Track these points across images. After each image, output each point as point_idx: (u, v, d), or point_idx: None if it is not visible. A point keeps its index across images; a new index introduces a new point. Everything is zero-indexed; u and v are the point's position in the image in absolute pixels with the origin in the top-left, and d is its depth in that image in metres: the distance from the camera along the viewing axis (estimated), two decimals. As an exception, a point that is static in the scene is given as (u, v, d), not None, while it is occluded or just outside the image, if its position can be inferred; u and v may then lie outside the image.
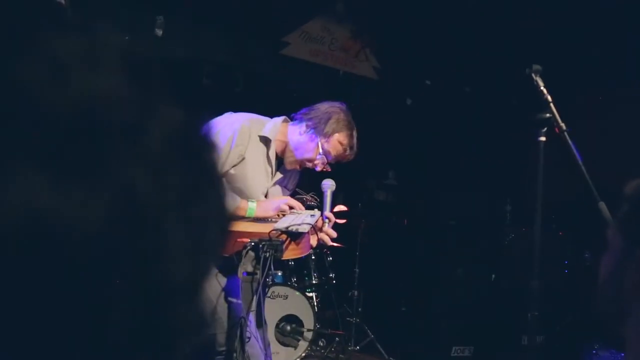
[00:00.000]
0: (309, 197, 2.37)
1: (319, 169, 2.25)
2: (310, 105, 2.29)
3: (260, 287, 1.91)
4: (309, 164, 2.25)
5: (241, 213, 2.10)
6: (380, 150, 5.46)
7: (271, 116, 2.34)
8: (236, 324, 1.99)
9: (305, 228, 2.02)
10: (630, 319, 0.66)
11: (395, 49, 5.20)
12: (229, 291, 2.12)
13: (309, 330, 4.05)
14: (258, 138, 2.20)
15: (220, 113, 4.96)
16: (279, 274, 4.34)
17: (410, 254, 5.17)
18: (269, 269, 1.88)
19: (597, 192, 1.66)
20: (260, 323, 2.11)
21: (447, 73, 5.20)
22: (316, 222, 2.14)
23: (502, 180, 5.15)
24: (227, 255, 2.04)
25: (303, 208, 2.21)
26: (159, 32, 4.27)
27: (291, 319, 4.05)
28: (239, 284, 1.97)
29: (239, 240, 1.97)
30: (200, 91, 5.02)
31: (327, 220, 2.16)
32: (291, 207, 2.18)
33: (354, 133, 2.25)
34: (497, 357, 4.33)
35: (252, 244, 1.90)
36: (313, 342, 4.17)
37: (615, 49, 4.39)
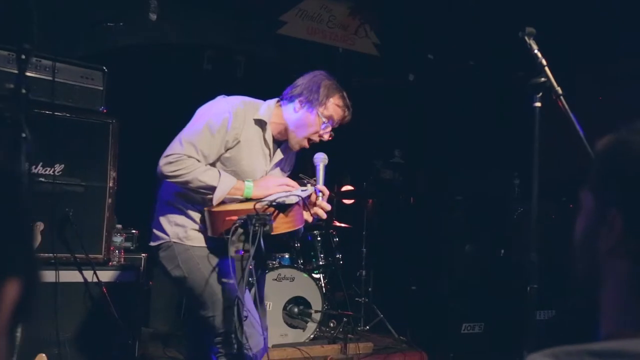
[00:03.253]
0: (312, 181, 2.34)
1: (327, 138, 2.24)
2: (291, 84, 2.27)
3: (251, 263, 1.90)
4: (315, 137, 2.24)
5: (238, 193, 2.09)
6: (385, 129, 5.39)
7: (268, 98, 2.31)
8: (232, 304, 1.98)
9: (292, 199, 2.00)
10: (605, 282, 0.62)
11: (395, 24, 5.10)
12: (222, 272, 2.11)
13: (317, 311, 4.04)
14: (253, 121, 2.18)
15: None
16: (286, 256, 4.32)
17: (418, 232, 5.12)
18: (259, 244, 1.85)
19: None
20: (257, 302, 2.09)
21: (450, 46, 5.09)
22: (309, 196, 2.13)
23: (510, 154, 5.06)
24: (216, 235, 2.03)
25: (297, 185, 2.19)
26: (153, 17, 4.23)
27: (299, 300, 4.04)
28: (231, 263, 1.94)
29: (227, 219, 1.95)
30: (201, 76, 4.98)
31: (320, 194, 2.16)
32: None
33: (345, 93, 2.25)
34: (507, 333, 4.28)
35: (241, 221, 1.87)
36: (322, 323, 4.16)
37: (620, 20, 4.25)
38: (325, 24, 4.94)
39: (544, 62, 1.75)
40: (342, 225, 4.62)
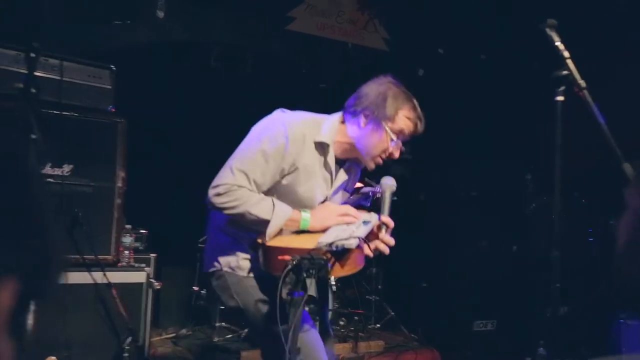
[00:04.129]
0: (378, 189, 2.10)
1: (397, 156, 2.00)
2: (354, 94, 2.01)
3: (299, 310, 1.66)
4: (385, 155, 1.99)
5: (294, 226, 1.88)
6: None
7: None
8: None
9: (352, 243, 1.75)
10: None
11: (404, 19, 5.04)
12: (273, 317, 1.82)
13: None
14: (314, 145, 1.95)
15: (231, 95, 4.90)
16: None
17: (429, 229, 5.07)
18: (315, 291, 1.65)
19: (621, 153, 1.53)
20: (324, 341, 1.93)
21: (461, 40, 5.02)
22: (371, 230, 1.90)
23: (522, 149, 4.99)
24: (267, 271, 1.84)
25: (358, 217, 1.94)
26: (161, 14, 4.19)
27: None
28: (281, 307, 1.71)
29: (279, 258, 1.74)
30: (210, 74, 4.94)
31: (384, 227, 1.90)
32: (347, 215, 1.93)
33: (415, 102, 2.02)
34: (520, 330, 4.22)
35: (294, 262, 1.64)
36: (332, 322, 4.12)
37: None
38: (334, 19, 4.89)
39: (566, 54, 1.69)
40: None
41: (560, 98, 1.72)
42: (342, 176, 2.07)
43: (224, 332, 4.23)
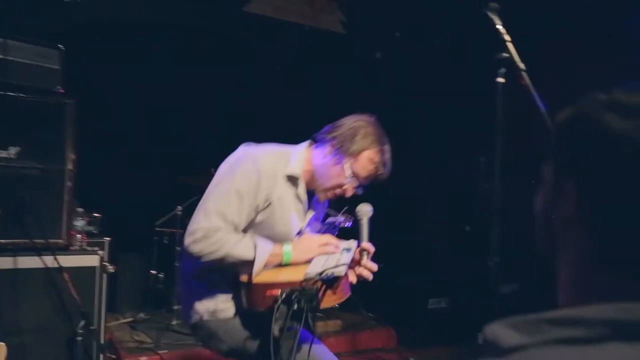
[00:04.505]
0: (342, 218, 2.12)
1: (349, 194, 1.96)
2: (334, 122, 2.00)
3: (295, 344, 1.65)
4: (338, 190, 1.96)
5: (277, 260, 1.84)
6: (351, 109, 5.37)
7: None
8: None
9: (341, 271, 1.74)
10: (562, 253, 0.62)
11: (362, 1, 5.05)
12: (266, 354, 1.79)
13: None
14: (285, 178, 1.93)
15: (186, 77, 4.83)
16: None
17: (385, 211, 5.15)
18: (307, 322, 1.63)
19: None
20: None
21: (418, 24, 5.07)
22: (352, 257, 1.89)
23: (476, 133, 5.11)
24: (254, 309, 1.82)
25: (339, 246, 1.92)
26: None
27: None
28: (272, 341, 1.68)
29: (268, 293, 1.72)
30: (165, 55, 4.86)
31: (365, 253, 1.90)
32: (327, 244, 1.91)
33: (387, 147, 1.97)
34: (473, 307, 4.37)
35: (284, 295, 1.62)
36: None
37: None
38: (291, 1, 4.86)
39: (506, 37, 1.75)
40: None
41: (500, 80, 1.78)
42: (311, 213, 2.06)
43: (182, 315, 4.23)
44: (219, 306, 1.93)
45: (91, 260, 2.97)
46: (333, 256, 1.86)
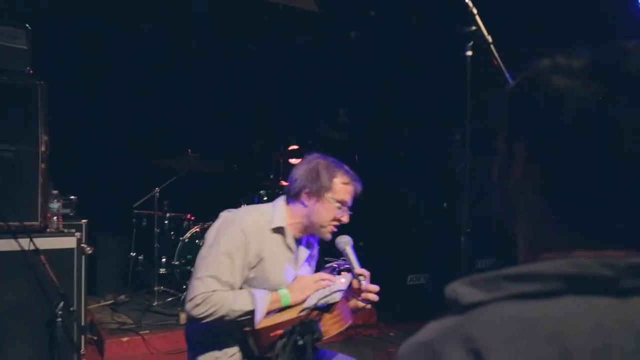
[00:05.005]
0: (339, 263, 2.19)
1: (346, 220, 2.09)
2: (289, 179, 2.12)
3: None
4: (336, 223, 2.07)
5: (276, 305, 1.94)
6: (328, 88, 5.38)
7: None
8: None
9: (336, 297, 1.86)
10: (518, 216, 0.64)
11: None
12: None
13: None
14: (270, 231, 2.03)
15: (163, 60, 4.77)
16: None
17: (363, 190, 5.19)
18: (310, 354, 1.72)
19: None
20: None
21: (393, 2, 5.06)
22: (350, 285, 1.99)
23: (452, 110, 5.14)
24: (264, 354, 1.89)
25: (333, 277, 2.02)
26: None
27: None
28: None
29: (272, 335, 1.81)
30: (137, 35, 4.80)
31: (361, 278, 1.99)
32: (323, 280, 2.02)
33: (346, 167, 2.10)
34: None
35: (286, 334, 1.72)
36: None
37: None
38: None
39: (474, 10, 1.76)
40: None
41: (469, 53, 1.79)
42: (304, 251, 2.15)
43: (164, 296, 4.24)
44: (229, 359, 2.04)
45: (68, 242, 2.96)
46: (328, 288, 1.96)
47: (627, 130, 0.54)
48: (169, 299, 4.22)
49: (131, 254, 4.38)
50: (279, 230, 2.03)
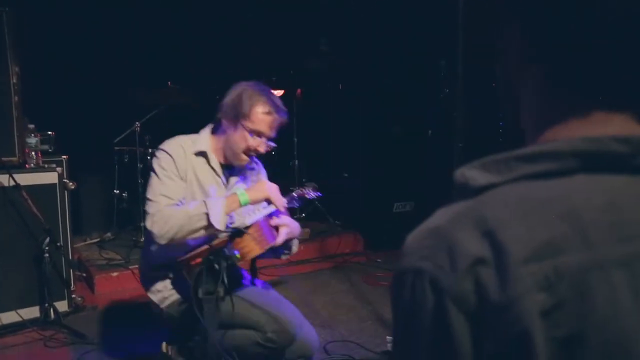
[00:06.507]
0: (311, 191, 2.26)
1: (263, 150, 2.08)
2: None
3: (218, 302, 1.81)
4: (252, 153, 2.08)
5: (235, 205, 1.98)
6: (309, 17, 5.22)
7: None
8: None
9: (247, 221, 1.91)
10: (523, 98, 0.62)
11: None
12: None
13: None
14: (194, 155, 2.11)
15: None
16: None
17: (348, 118, 5.16)
18: (225, 280, 1.77)
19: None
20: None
21: None
22: (270, 214, 2.02)
23: (436, 35, 5.05)
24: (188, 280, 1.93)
25: (284, 205, 2.08)
26: None
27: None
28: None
29: (193, 264, 1.88)
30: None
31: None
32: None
33: (271, 96, 2.08)
34: (436, 210, 4.52)
35: (203, 261, 1.80)
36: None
37: None
38: None
39: None
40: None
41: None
42: (235, 178, 2.18)
43: (150, 232, 4.23)
44: (165, 294, 2.16)
45: (50, 178, 2.91)
46: (258, 211, 2.02)
47: None
48: (156, 234, 4.23)
49: (115, 191, 4.33)
50: (201, 153, 2.11)
